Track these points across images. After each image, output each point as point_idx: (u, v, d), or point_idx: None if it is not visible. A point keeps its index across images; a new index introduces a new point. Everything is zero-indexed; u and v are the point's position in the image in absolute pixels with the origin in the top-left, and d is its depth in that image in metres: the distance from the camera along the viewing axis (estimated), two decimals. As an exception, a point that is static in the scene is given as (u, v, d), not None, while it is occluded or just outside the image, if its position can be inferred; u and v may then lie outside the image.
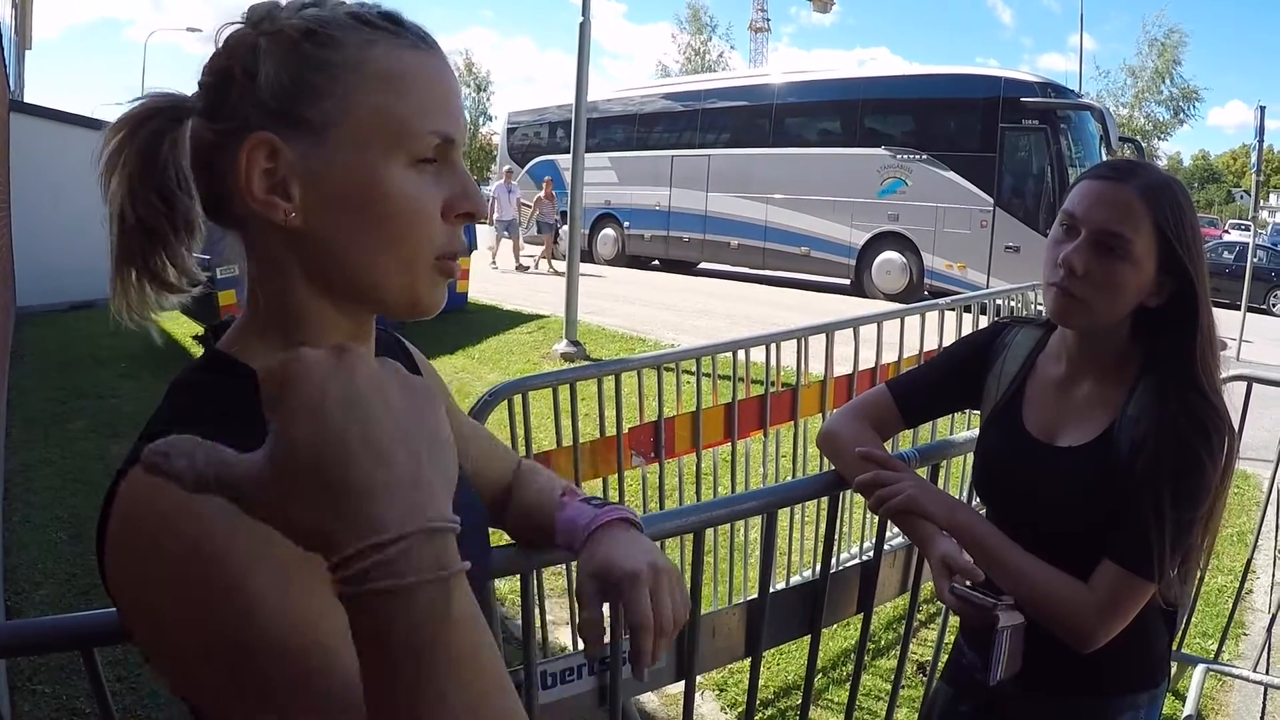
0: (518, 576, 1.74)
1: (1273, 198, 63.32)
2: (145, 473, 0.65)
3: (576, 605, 1.19)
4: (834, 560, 2.15)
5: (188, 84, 0.97)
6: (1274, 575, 4.74)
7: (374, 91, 0.91)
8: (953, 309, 5.84)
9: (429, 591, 0.62)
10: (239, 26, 0.93)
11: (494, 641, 0.71)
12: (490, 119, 61.19)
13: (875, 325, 4.93)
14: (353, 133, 0.90)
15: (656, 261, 23.06)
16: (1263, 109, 11.86)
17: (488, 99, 63.42)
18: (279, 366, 0.63)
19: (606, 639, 1.21)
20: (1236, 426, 1.74)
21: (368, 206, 0.91)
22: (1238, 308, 12.32)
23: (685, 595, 1.18)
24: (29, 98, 22.04)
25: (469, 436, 1.37)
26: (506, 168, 22.52)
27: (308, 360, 0.63)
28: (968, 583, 1.71)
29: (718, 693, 3.96)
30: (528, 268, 20.86)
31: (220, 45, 0.94)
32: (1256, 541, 4.10)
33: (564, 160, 18.26)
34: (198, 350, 1.00)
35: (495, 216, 20.30)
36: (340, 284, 0.95)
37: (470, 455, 1.34)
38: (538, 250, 21.59)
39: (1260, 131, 12.00)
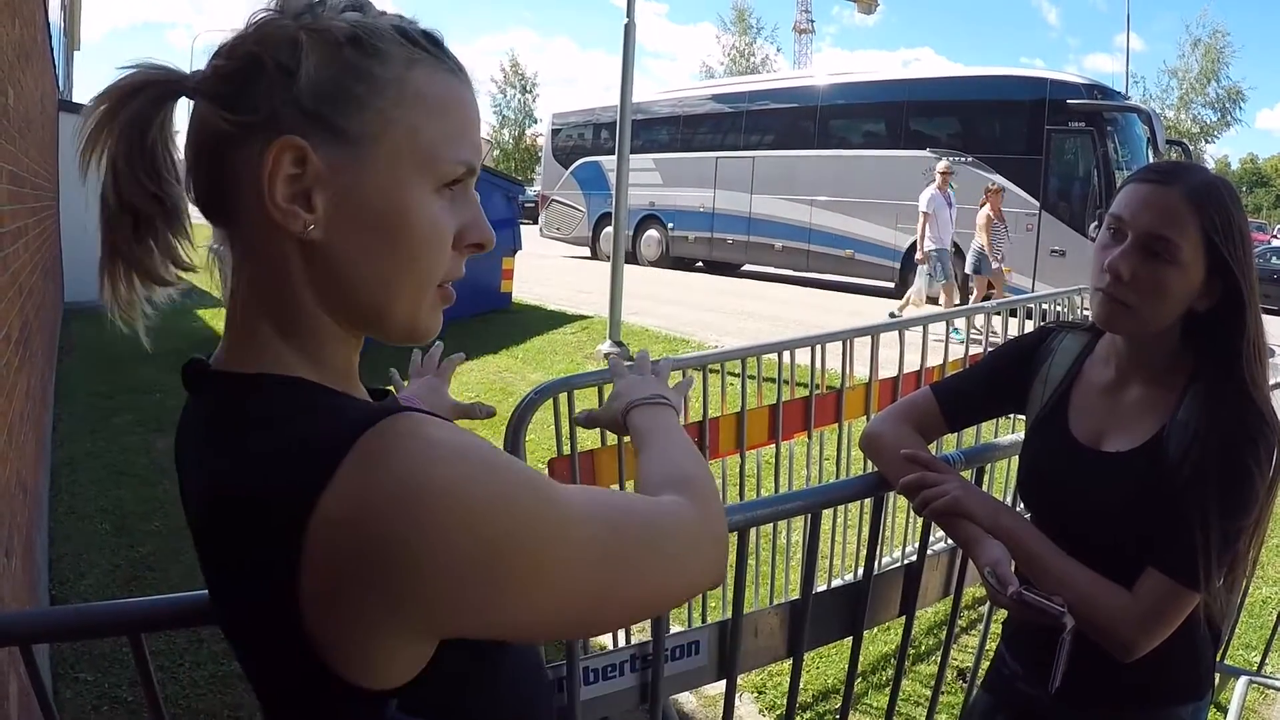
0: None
1: (1324, 202, 62.40)
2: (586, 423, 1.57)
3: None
4: (876, 563, 2.16)
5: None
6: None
7: (411, 111, 0.89)
8: (998, 313, 5.80)
9: (666, 408, 1.33)
10: (275, 15, 0.88)
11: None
12: (535, 121, 61.34)
13: (921, 328, 4.90)
14: (387, 151, 0.88)
15: (700, 263, 23.05)
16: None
17: (533, 101, 63.61)
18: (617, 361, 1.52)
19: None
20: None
21: (392, 229, 0.89)
22: (1289, 315, 12.11)
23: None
24: (77, 98, 22.32)
25: None
26: (942, 165, 13.78)
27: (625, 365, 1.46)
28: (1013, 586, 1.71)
29: (756, 695, 3.96)
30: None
31: (250, 30, 0.88)
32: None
33: (608, 161, 18.27)
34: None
35: (928, 244, 13.10)
36: (348, 301, 0.92)
37: None
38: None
39: (1313, 135, 11.76)
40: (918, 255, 13.43)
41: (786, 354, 4.46)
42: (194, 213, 0.95)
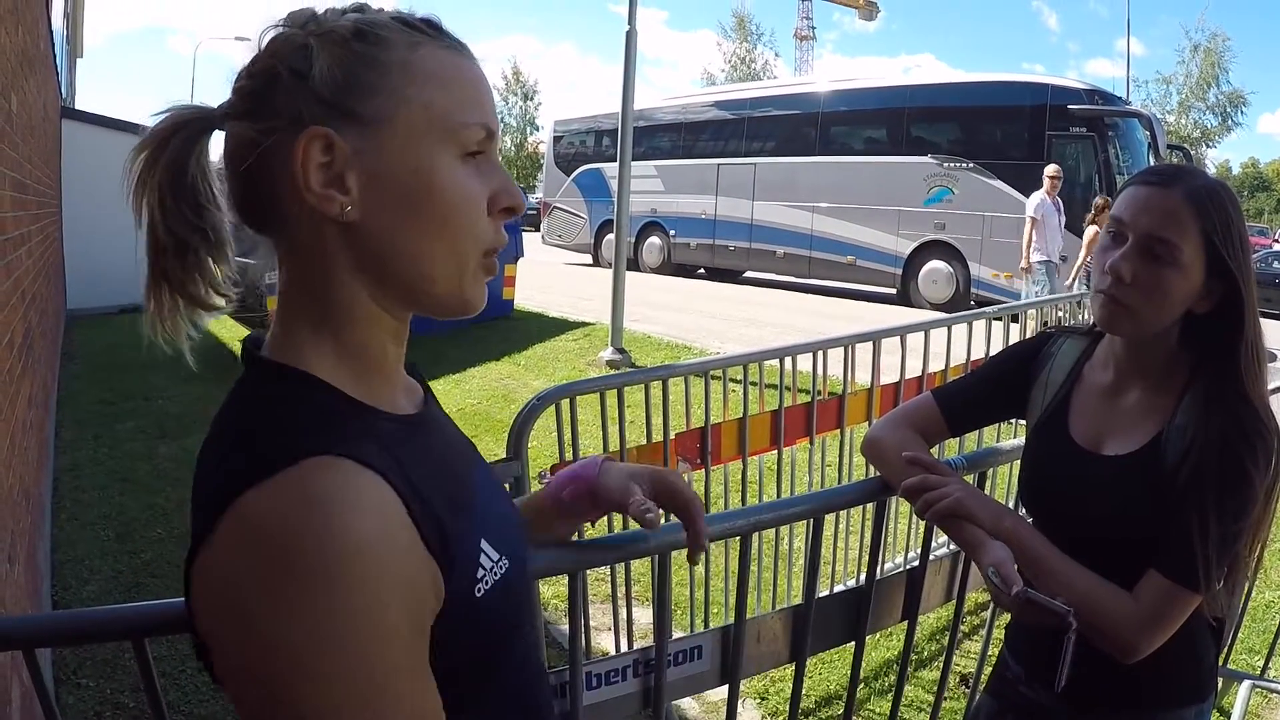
0: (562, 582, 1.75)
1: (1327, 207, 62.35)
2: None
3: (627, 504, 1.25)
4: (879, 569, 2.15)
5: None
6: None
7: (423, 88, 0.94)
8: (999, 318, 5.79)
9: None
10: (282, 29, 0.95)
11: None
12: (537, 128, 61.37)
13: (922, 334, 4.89)
14: (405, 127, 0.93)
15: (702, 270, 23.07)
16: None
17: (535, 108, 63.63)
18: None
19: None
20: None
21: (423, 199, 0.93)
22: (1290, 319, 12.07)
23: None
24: (79, 104, 22.33)
25: None
26: (1051, 170, 12.49)
27: None
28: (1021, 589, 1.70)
29: (758, 701, 3.95)
30: None
31: (262, 48, 0.94)
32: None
33: (610, 169, 18.30)
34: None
35: (1034, 253, 11.90)
36: (393, 278, 0.96)
37: None
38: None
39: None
40: (1021, 264, 12.30)
41: (788, 360, 4.46)
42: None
